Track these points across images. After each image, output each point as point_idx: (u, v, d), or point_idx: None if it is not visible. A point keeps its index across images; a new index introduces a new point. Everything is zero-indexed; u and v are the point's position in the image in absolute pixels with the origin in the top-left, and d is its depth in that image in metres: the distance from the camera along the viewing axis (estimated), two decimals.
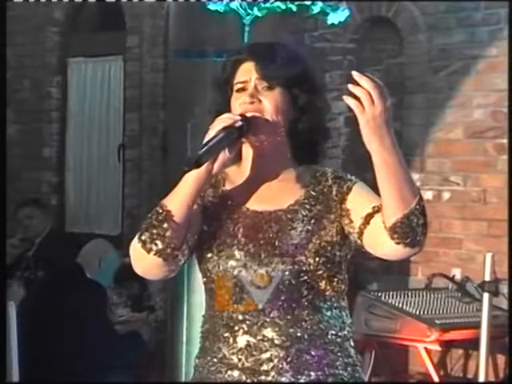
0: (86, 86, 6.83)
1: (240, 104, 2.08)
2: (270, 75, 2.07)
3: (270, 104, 2.07)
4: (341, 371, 2.06)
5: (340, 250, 2.08)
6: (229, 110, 2.09)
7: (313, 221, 2.06)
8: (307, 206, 2.08)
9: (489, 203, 4.96)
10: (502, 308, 4.42)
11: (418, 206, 1.95)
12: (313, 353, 2.04)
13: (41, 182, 6.97)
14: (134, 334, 4.79)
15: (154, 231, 2.01)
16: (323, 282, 2.05)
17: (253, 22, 3.93)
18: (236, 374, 2.04)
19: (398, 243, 1.96)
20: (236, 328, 2.05)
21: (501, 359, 4.74)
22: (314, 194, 2.09)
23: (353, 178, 2.13)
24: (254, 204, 2.09)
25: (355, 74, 1.93)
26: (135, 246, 2.05)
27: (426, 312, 4.45)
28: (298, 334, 2.03)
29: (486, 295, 4.01)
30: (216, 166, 2.02)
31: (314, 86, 2.13)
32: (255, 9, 3.92)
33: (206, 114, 4.07)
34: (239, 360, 2.04)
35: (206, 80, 4.01)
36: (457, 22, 5.08)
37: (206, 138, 2.01)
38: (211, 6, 3.89)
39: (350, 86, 1.93)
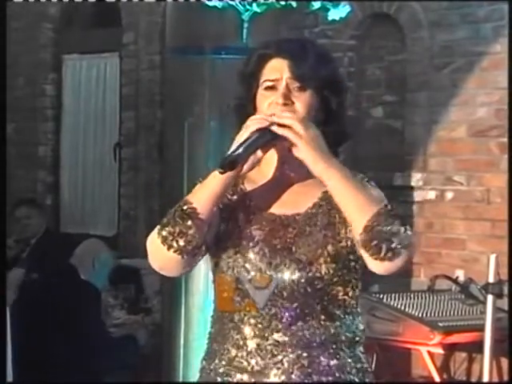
0: (81, 84, 6.77)
1: (271, 104, 2.01)
2: (304, 76, 2.01)
3: (302, 107, 2.01)
4: (352, 376, 2.03)
5: (354, 255, 2.03)
6: (253, 105, 2.04)
7: (329, 226, 2.02)
8: (324, 211, 2.03)
9: (492, 203, 4.91)
10: (506, 310, 4.36)
11: (378, 218, 1.90)
12: (324, 358, 2.00)
13: (35, 181, 6.91)
14: (130, 338, 4.73)
15: (177, 228, 1.97)
16: (338, 288, 2.02)
17: (252, 18, 3.88)
18: (245, 377, 2.01)
19: (374, 259, 1.93)
20: (247, 331, 2.01)
21: (505, 362, 4.68)
22: (330, 197, 2.03)
23: (358, 175, 2.07)
24: (273, 207, 2.05)
25: (276, 116, 1.94)
26: (154, 241, 2.00)
27: (428, 314, 4.40)
28: (311, 339, 2.00)
29: (489, 297, 3.96)
30: (246, 166, 1.99)
31: (342, 88, 2.09)
32: (254, 5, 3.86)
33: (204, 112, 4.00)
34: (249, 364, 2.01)
35: (204, 78, 3.96)
36: (460, 18, 5.03)
37: (240, 138, 1.96)
38: (209, 2, 3.82)
39: (276, 118, 1.93)
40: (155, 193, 6.09)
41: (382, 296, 4.51)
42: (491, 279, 3.94)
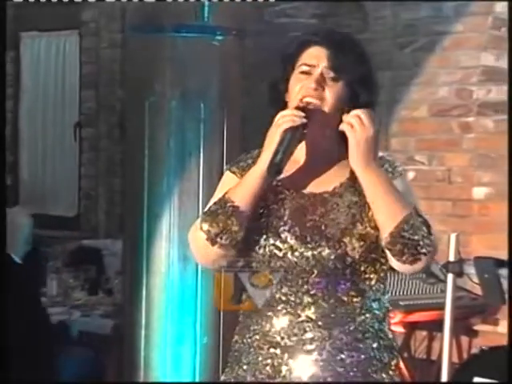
0: (39, 62, 6.68)
1: (302, 87, 2.09)
2: (340, 67, 2.09)
3: (332, 96, 2.09)
4: (379, 352, 2.10)
5: None
6: (285, 87, 2.12)
7: (358, 205, 2.08)
8: (352, 190, 2.10)
9: (454, 183, 4.93)
10: (465, 289, 4.40)
11: (404, 225, 2.00)
12: (355, 334, 2.07)
13: None
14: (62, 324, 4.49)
15: (221, 224, 2.05)
16: (367, 265, 2.09)
17: None
18: (278, 351, 2.08)
19: (396, 260, 2.03)
20: (279, 308, 2.08)
21: (465, 340, 4.73)
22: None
23: (399, 167, 2.14)
24: (301, 186, 2.12)
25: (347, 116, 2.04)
26: (197, 237, 2.09)
27: (389, 293, 4.41)
28: (342, 315, 2.07)
29: (450, 276, 3.98)
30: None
31: (375, 86, 2.17)
32: None
33: (165, 91, 3.95)
34: (282, 338, 2.08)
35: (165, 56, 3.91)
36: None
37: (272, 137, 2.04)
38: None
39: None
40: (116, 173, 6.03)
41: None
42: (452, 258, 3.95)
